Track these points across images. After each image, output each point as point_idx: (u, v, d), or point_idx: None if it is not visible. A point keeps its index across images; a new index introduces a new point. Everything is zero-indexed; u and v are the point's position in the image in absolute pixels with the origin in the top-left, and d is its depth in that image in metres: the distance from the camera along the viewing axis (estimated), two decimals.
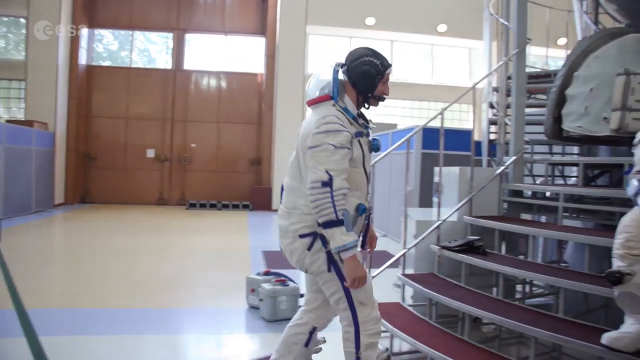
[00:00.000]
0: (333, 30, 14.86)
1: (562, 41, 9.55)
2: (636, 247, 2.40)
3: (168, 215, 12.47)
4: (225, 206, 14.09)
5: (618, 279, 2.41)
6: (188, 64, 15.09)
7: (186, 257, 7.19)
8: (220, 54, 15.22)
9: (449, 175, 4.39)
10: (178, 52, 15.01)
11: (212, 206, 14.03)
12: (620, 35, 3.84)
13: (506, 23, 4.70)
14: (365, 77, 2.51)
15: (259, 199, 14.20)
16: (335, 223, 2.26)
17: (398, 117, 14.85)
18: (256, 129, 15.11)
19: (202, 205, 13.99)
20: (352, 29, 14.77)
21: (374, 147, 2.59)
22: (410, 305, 4.04)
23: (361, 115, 2.60)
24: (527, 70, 5.36)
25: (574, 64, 3.89)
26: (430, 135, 6.72)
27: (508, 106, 4.64)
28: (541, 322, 2.96)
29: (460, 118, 15.15)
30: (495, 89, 5.18)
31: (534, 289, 4.28)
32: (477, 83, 4.45)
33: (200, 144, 14.85)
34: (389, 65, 2.57)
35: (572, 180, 5.10)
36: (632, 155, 2.75)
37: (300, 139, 2.55)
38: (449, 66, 15.83)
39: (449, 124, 12.80)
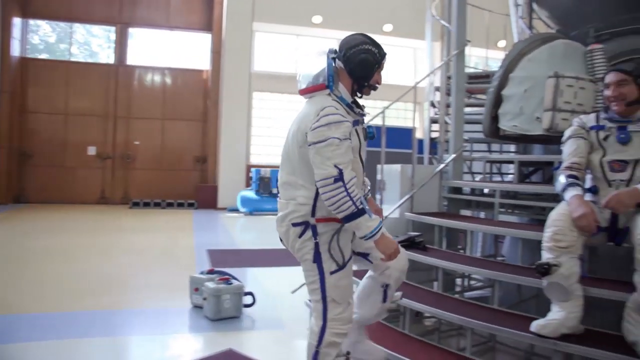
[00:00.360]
0: (280, 27, 14.84)
1: (502, 43, 9.90)
2: (563, 240, 2.54)
3: (110, 214, 12.11)
4: (170, 205, 13.82)
5: (546, 270, 2.54)
6: (131, 59, 14.69)
7: (129, 257, 7.01)
8: (165, 50, 14.90)
9: (391, 173, 4.49)
10: (121, 47, 14.60)
11: (157, 205, 13.74)
12: (550, 40, 4.03)
13: (447, 25, 4.84)
14: (364, 65, 2.45)
15: (204, 197, 14.02)
16: (358, 214, 2.27)
17: None
18: (201, 126, 14.90)
19: (146, 204, 13.68)
20: (299, 26, 14.83)
21: (369, 134, 2.59)
22: None
23: (355, 103, 2.55)
24: (467, 70, 5.55)
25: (509, 66, 4.05)
26: (377, 133, 6.83)
27: (448, 105, 4.78)
28: (478, 314, 3.08)
29: (405, 117, 15.46)
30: (437, 89, 5.33)
31: (472, 282, 4.44)
32: (419, 82, 4.57)
33: (144, 141, 14.50)
34: (385, 54, 2.54)
35: (509, 177, 5.31)
36: (561, 152, 2.91)
37: (293, 133, 2.51)
38: (395, 65, 16.11)
39: (393, 123, 13.06)
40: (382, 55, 2.51)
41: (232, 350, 3.60)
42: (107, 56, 14.81)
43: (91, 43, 15.15)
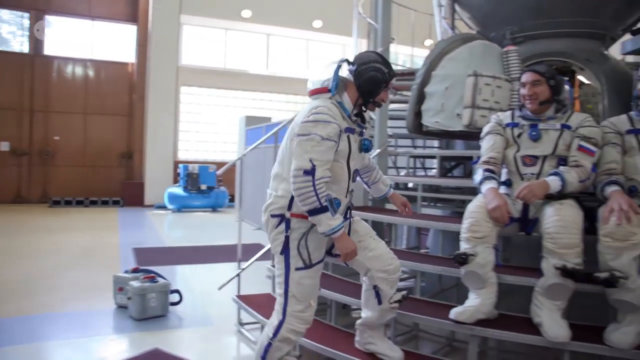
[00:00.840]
0: (208, 21, 14.56)
1: (428, 42, 10.26)
2: (479, 231, 2.68)
3: (28, 214, 11.43)
4: (94, 202, 13.27)
5: (464, 259, 2.67)
6: (50, 49, 13.81)
7: (49, 258, 6.66)
8: (87, 41, 14.18)
9: None
10: (36, 35, 13.70)
11: (79, 203, 13.15)
12: (470, 41, 4.20)
13: (373, 22, 4.93)
14: (372, 82, 2.54)
15: (130, 194, 13.56)
16: (320, 210, 2.34)
17: (274, 110, 14.95)
18: (127, 121, 14.35)
19: (68, 202, 13.05)
20: (228, 20, 14.62)
21: (364, 146, 2.64)
22: None
23: (359, 115, 2.64)
24: (393, 68, 5.66)
25: (432, 64, 4.19)
26: None
27: None
28: (402, 304, 3.17)
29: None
30: None
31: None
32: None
33: (65, 136, 13.73)
34: (395, 75, 2.64)
35: (433, 172, 5.50)
36: (480, 148, 3.06)
37: (290, 127, 2.55)
38: (324, 61, 16.23)
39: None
40: (391, 75, 2.60)
41: (159, 349, 3.52)
42: (20, 44, 13.80)
43: (1, 29, 13.93)
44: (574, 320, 2.65)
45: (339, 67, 2.57)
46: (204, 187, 12.70)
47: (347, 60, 2.60)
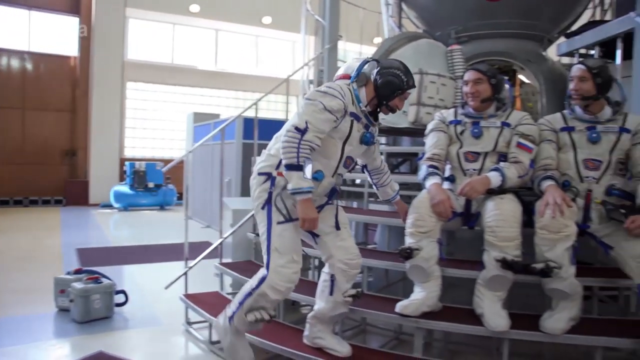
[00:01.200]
0: (155, 15, 14.20)
1: (377, 40, 10.37)
2: (423, 225, 2.75)
3: None
4: (34, 202, 12.74)
5: (409, 254, 2.73)
6: None
7: None
8: (24, 31, 13.46)
9: None
10: None
11: (18, 203, 12.59)
12: (416, 39, 4.29)
13: (321, 19, 4.95)
14: (388, 86, 2.66)
15: (73, 193, 13.08)
16: (296, 167, 2.44)
17: (222, 107, 14.77)
18: (70, 117, 13.77)
19: (4, 203, 12.46)
20: (176, 15, 14.31)
21: (365, 138, 2.72)
22: (229, 294, 4.10)
23: (373, 114, 2.75)
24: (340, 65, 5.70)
25: None
26: (251, 126, 6.82)
27: None
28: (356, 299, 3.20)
29: (285, 109, 15.57)
30: (311, 82, 5.45)
31: None
32: (291, 75, 4.65)
33: (1, 133, 13.02)
34: (413, 87, 2.76)
35: None
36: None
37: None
38: (274, 58, 16.17)
39: (272, 115, 13.11)
40: (409, 85, 2.71)
41: (103, 352, 3.42)
42: None
43: None
44: (514, 310, 2.77)
45: (366, 62, 2.76)
46: (151, 185, 12.42)
47: (376, 61, 2.76)
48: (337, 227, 2.74)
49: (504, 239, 2.62)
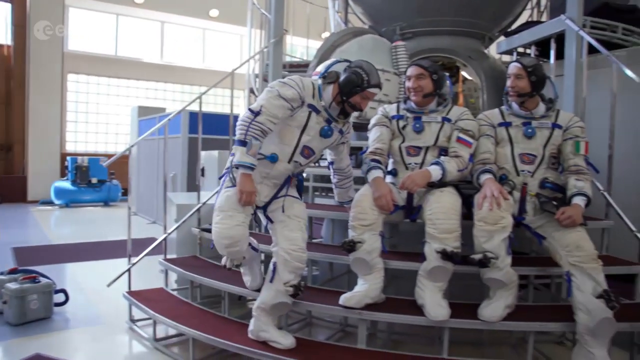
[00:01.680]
0: (97, 4, 13.70)
1: (325, 35, 10.41)
2: (365, 219, 2.79)
3: None
4: None
5: (352, 247, 2.77)
6: None
7: None
8: None
9: (210, 159, 4.47)
10: None
11: None
12: (360, 35, 4.34)
13: (266, 13, 4.93)
14: (348, 83, 2.76)
15: (10, 189, 12.44)
16: (242, 143, 2.61)
17: (168, 101, 14.48)
18: (4, 110, 13.08)
19: None
20: (119, 5, 13.87)
21: (323, 131, 2.83)
22: (174, 290, 4.03)
23: (343, 112, 2.86)
24: (289, 59, 5.71)
25: (323, 57, 4.27)
26: (197, 120, 6.73)
27: None
28: (298, 292, 3.21)
29: (235, 104, 15.40)
30: (257, 76, 5.42)
31: None
32: (236, 69, 4.59)
33: None
34: (374, 86, 2.79)
35: (325, 162, 5.61)
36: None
37: None
38: (222, 51, 15.95)
39: (221, 110, 12.95)
40: (369, 84, 2.77)
41: (40, 354, 3.28)
42: None
43: None
44: (455, 299, 2.85)
45: (337, 61, 2.95)
46: (94, 180, 12.00)
47: (348, 61, 2.92)
48: (282, 210, 2.84)
49: (444, 231, 2.69)
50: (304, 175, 4.50)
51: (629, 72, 3.35)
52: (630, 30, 4.50)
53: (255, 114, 2.64)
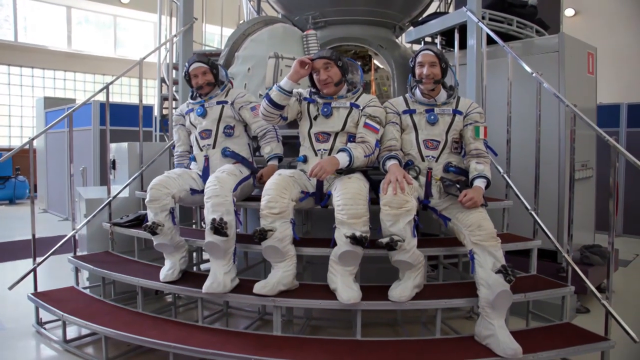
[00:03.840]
0: None
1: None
2: (275, 207, 2.81)
3: None
4: None
5: (263, 235, 2.78)
6: None
7: None
8: None
9: (120, 151, 4.32)
10: None
11: None
12: (272, 23, 4.33)
13: (175, 1, 4.80)
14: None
15: None
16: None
17: (79, 91, 13.76)
18: None
19: None
20: None
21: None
22: (86, 288, 3.88)
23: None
24: (204, 48, 5.58)
25: (234, 45, 4.23)
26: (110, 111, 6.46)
27: (177, 82, 4.77)
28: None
29: (146, 94, 14.87)
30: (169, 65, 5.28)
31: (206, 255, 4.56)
32: (145, 57, 4.43)
33: None
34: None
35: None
36: None
37: None
38: (135, 40, 15.33)
39: (135, 100, 12.47)
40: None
41: None
42: None
43: None
44: (367, 282, 2.94)
45: None
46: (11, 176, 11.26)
47: None
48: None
49: (353, 216, 2.75)
50: None
51: (521, 63, 3.57)
52: (524, 24, 4.77)
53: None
